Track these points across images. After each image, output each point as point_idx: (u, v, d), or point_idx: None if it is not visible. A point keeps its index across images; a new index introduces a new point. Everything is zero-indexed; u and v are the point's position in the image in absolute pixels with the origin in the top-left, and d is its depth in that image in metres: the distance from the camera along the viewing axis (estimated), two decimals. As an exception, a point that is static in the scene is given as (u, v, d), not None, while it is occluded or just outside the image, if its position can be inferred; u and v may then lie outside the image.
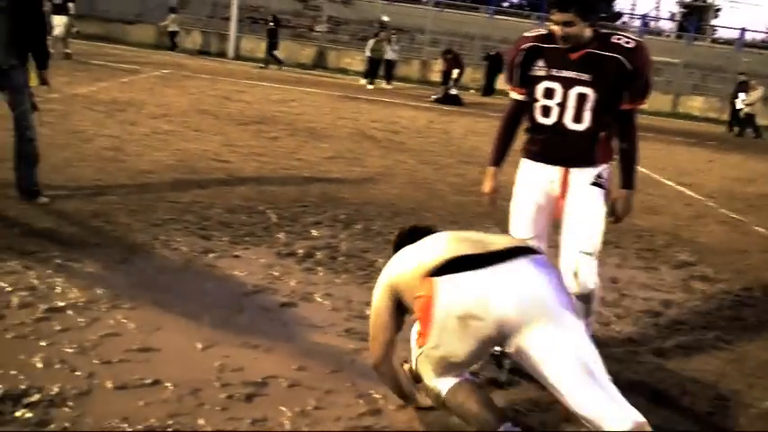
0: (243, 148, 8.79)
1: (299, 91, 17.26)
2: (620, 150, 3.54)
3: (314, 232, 5.56)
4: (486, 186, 3.82)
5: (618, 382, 3.59)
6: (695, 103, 28.53)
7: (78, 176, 6.32)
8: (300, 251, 5.03)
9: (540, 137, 3.54)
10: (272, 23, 25.03)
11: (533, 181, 3.59)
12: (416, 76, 28.72)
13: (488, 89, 24.88)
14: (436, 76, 23.38)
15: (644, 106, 3.69)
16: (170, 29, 26.47)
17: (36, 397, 2.79)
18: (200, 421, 2.79)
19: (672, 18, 51.45)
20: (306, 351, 3.53)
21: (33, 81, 5.58)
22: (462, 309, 2.58)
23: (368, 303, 4.23)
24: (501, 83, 26.19)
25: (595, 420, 2.53)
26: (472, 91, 25.16)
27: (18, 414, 2.67)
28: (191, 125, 9.93)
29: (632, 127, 3.52)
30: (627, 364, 3.86)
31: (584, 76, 3.33)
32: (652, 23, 46.13)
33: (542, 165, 3.56)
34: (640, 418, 2.52)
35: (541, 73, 3.42)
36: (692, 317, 4.76)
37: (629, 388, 3.54)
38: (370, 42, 22.40)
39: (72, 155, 7.13)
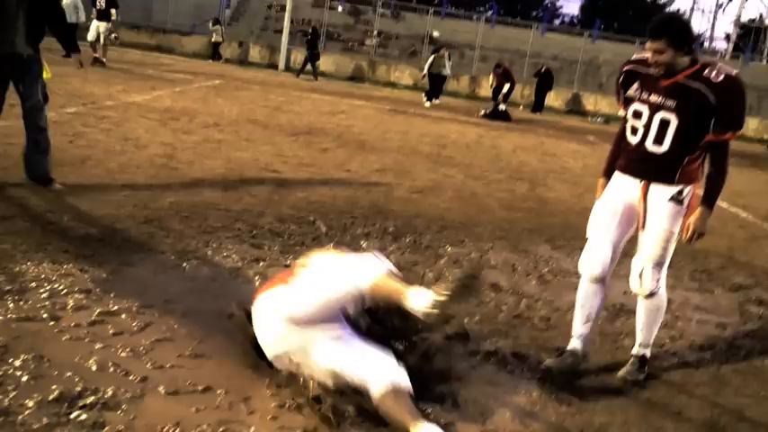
0: (293, 158, 8.85)
1: (349, 103, 17.36)
2: (706, 174, 3.63)
3: (363, 244, 5.56)
4: (597, 195, 3.95)
5: (673, 406, 3.53)
6: (750, 125, 28.00)
7: (132, 182, 6.41)
8: (350, 262, 5.02)
9: (628, 153, 3.74)
10: (309, 35, 25.24)
11: (616, 189, 3.76)
12: (465, 91, 28.71)
13: (538, 105, 24.75)
14: (485, 92, 23.31)
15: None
16: (213, 39, 26.92)
17: (90, 399, 2.82)
18: (251, 429, 2.79)
19: (727, 38, 50.60)
20: (355, 363, 3.52)
21: (47, 73, 5.86)
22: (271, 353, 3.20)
23: (417, 317, 4.22)
24: (551, 100, 26.09)
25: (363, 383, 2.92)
26: (521, 107, 25.04)
27: (73, 416, 2.70)
28: (242, 135, 10.04)
29: (721, 157, 3.57)
30: (681, 388, 3.77)
31: (670, 103, 3.50)
32: (706, 44, 45.44)
33: (626, 177, 3.72)
34: (397, 379, 2.88)
35: (634, 95, 3.66)
36: (749, 341, 4.64)
37: (684, 413, 3.47)
38: (431, 59, 21.30)
39: (127, 161, 7.25)
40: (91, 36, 17.44)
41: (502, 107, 19.96)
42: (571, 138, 17.20)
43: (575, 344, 3.85)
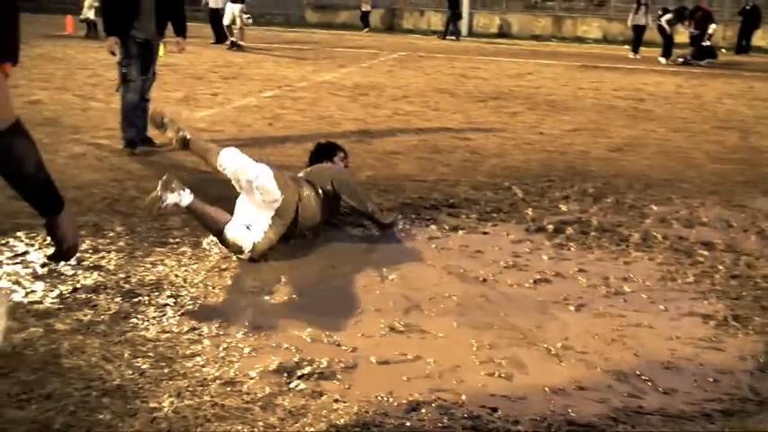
0: (483, 124, 8.77)
1: (535, 63, 16.93)
2: None
3: (562, 207, 5.40)
4: None
5: None
6: None
7: (330, 159, 6.60)
8: (550, 227, 4.90)
9: None
10: None
11: None
12: (658, 38, 27.06)
13: (743, 46, 22.81)
14: (681, 38, 21.74)
15: None
16: (363, 9, 27.10)
17: (307, 369, 2.94)
18: (462, 398, 2.78)
19: None
20: (561, 329, 3.42)
21: (162, 53, 6.87)
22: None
23: (625, 279, 4.06)
24: (758, 39, 23.98)
25: None
26: (723, 50, 23.26)
27: (293, 385, 2.82)
28: (430, 105, 10.07)
29: None
30: None
31: None
32: None
33: None
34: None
35: None
36: None
37: None
38: (668, 16, 19.78)
39: (323, 139, 7.46)
40: (227, 20, 17.50)
41: (706, 43, 18.66)
42: (783, 79, 15.78)
43: None
